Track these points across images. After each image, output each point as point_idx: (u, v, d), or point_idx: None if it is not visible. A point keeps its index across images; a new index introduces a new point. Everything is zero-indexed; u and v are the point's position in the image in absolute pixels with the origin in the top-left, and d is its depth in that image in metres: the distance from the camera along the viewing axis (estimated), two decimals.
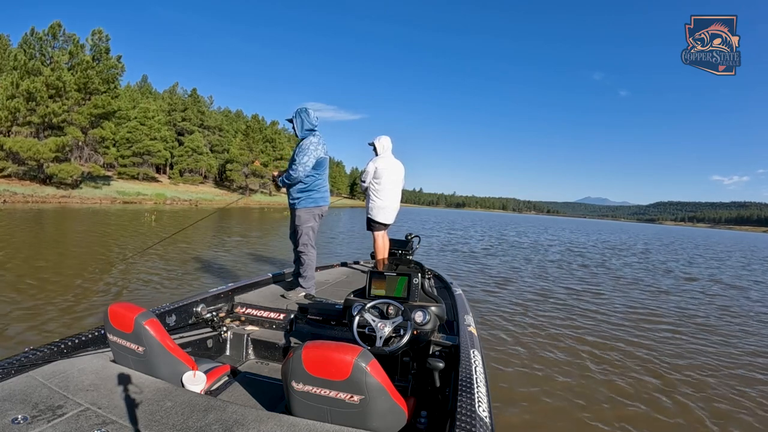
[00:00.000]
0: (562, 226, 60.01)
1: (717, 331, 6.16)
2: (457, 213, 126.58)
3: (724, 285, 11.07)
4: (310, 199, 3.74)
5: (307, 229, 3.77)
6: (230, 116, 70.90)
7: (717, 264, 17.25)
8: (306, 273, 3.76)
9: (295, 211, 3.78)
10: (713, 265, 16.43)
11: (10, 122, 28.68)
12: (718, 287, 10.62)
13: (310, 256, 3.78)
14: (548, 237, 27.99)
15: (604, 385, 4.03)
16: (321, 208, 3.81)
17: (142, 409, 1.50)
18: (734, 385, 4.16)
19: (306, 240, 3.78)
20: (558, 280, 9.91)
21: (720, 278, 12.42)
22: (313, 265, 3.81)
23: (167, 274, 7.37)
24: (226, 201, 48.00)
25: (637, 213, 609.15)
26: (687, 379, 4.29)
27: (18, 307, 4.96)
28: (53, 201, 27.52)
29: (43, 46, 30.44)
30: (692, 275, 12.64)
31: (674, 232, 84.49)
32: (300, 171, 3.56)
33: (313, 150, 3.58)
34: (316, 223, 3.82)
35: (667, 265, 15.01)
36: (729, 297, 9.23)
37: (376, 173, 4.93)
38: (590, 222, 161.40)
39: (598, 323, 6.17)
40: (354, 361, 1.40)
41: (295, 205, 3.76)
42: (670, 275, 12.33)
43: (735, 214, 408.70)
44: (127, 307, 1.88)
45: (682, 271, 13.74)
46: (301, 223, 3.75)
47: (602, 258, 15.99)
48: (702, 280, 11.78)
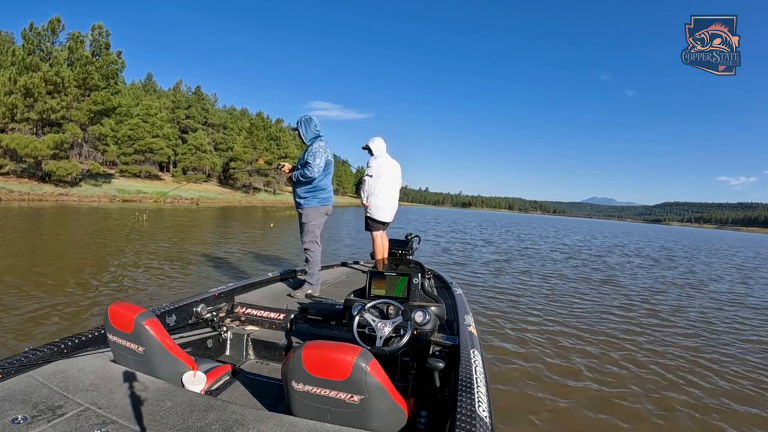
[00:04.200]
0: (578, 227, 58.54)
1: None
2: (463, 212, 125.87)
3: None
4: (317, 198, 3.91)
5: (313, 227, 3.92)
6: (235, 114, 70.53)
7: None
8: (311, 270, 3.89)
9: (301, 210, 3.94)
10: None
11: (8, 118, 28.08)
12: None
13: (315, 253, 3.91)
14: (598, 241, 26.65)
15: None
16: (326, 207, 3.99)
17: (142, 409, 1.49)
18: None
19: (311, 238, 3.93)
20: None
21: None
22: (318, 263, 3.93)
23: (167, 275, 7.28)
24: (227, 200, 47.41)
25: (644, 213, 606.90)
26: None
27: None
28: (50, 199, 27.07)
29: (42, 41, 29.76)
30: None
31: (685, 233, 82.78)
32: (315, 171, 3.77)
33: (323, 152, 3.80)
34: (321, 221, 3.98)
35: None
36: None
37: (377, 172, 4.97)
38: (598, 222, 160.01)
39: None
40: (354, 361, 1.40)
41: (301, 204, 3.93)
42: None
43: (742, 215, 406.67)
44: (127, 307, 1.87)
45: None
46: (308, 221, 3.91)
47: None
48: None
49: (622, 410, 3.55)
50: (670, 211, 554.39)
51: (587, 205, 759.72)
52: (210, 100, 63.44)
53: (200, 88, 59.44)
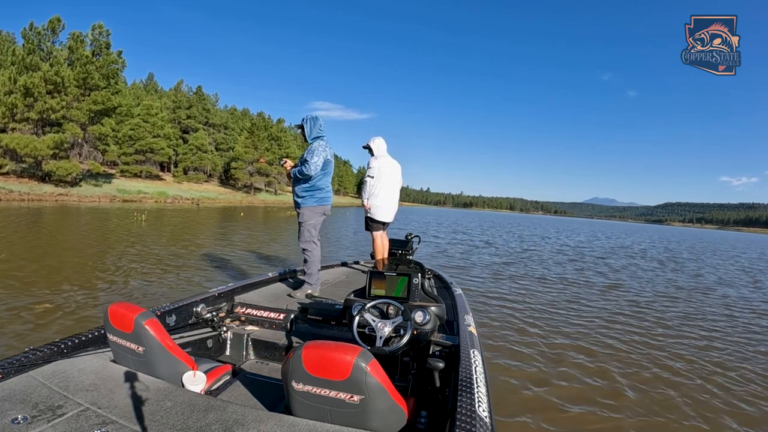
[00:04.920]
0: (580, 228, 57.84)
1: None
2: (464, 213, 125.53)
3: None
4: (315, 198, 3.92)
5: (310, 227, 3.93)
6: (236, 114, 70.46)
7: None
8: (310, 270, 3.88)
9: (299, 209, 3.96)
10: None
11: (8, 118, 27.99)
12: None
13: (313, 253, 3.90)
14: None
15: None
16: (324, 207, 3.99)
17: (142, 409, 1.48)
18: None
19: (308, 237, 3.93)
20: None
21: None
22: (317, 262, 3.92)
23: (166, 276, 7.23)
24: (228, 200, 47.32)
25: (645, 214, 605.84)
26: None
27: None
28: (50, 199, 26.96)
29: (43, 41, 29.67)
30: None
31: (687, 233, 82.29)
32: (312, 169, 3.79)
33: (321, 151, 3.83)
34: (319, 221, 3.99)
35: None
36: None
37: (378, 172, 4.95)
38: (599, 223, 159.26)
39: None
40: (354, 361, 1.40)
41: (299, 203, 3.95)
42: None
43: (743, 215, 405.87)
44: (127, 307, 1.87)
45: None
46: (305, 220, 3.92)
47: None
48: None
49: (631, 412, 3.52)
50: (672, 212, 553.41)
51: (588, 205, 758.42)
52: (211, 100, 63.41)
53: (201, 88, 59.41)
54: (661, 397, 3.86)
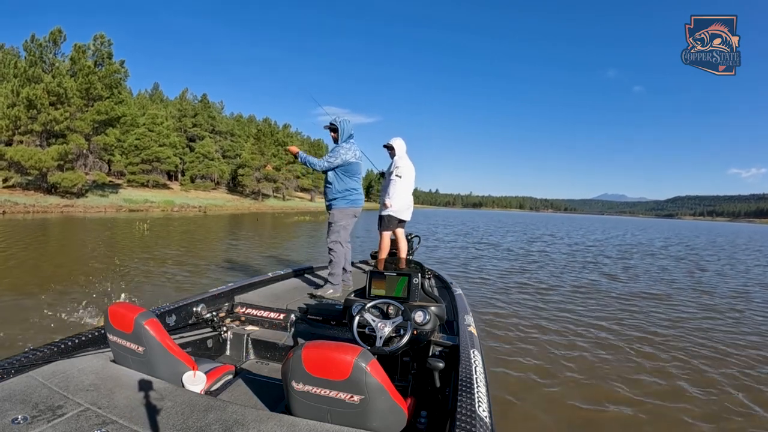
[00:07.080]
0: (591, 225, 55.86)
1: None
2: (474, 213, 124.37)
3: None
4: (345, 200, 3.98)
5: (339, 228, 3.96)
6: (242, 121, 70.39)
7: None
8: (334, 271, 3.91)
9: (330, 210, 4.02)
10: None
11: (12, 131, 27.79)
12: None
13: (338, 254, 3.93)
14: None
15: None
16: (355, 209, 4.05)
17: (142, 409, 1.47)
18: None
19: (336, 237, 3.95)
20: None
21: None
22: (341, 263, 3.96)
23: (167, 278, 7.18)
24: (236, 207, 46.95)
25: (655, 208, 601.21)
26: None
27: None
28: (55, 210, 26.79)
29: (44, 53, 29.46)
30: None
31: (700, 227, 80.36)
32: (325, 165, 3.89)
33: (343, 153, 3.88)
34: (349, 222, 4.03)
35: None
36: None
37: (404, 172, 5.00)
38: (610, 219, 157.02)
39: None
40: (354, 361, 1.39)
41: (331, 205, 4.02)
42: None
43: (755, 207, 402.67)
44: (127, 307, 1.86)
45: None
46: (335, 221, 3.98)
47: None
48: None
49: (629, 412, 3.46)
50: (682, 206, 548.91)
51: (598, 201, 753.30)
52: (216, 107, 63.25)
53: (206, 96, 59.40)
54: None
